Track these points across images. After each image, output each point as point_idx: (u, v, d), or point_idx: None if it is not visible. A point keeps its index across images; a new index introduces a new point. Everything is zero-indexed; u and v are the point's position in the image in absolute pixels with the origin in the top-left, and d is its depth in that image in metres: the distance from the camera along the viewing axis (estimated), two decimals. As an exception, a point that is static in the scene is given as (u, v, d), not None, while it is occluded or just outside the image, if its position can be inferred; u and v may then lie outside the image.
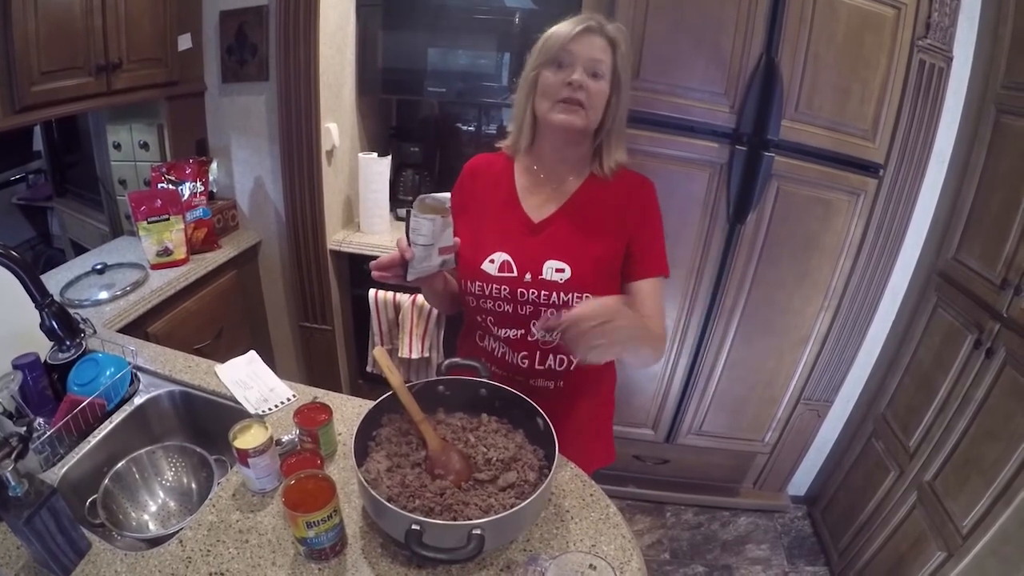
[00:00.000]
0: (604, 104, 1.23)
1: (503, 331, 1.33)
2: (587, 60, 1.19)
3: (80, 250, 2.72)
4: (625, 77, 1.24)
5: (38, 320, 1.35)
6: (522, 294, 1.26)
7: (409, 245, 1.16)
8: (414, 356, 2.44)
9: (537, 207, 1.32)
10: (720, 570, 2.46)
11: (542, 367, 1.34)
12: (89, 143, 2.63)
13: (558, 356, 1.33)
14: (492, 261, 1.28)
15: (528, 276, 1.26)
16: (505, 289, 1.27)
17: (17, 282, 1.28)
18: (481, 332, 1.39)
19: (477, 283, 1.29)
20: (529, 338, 1.31)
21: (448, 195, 1.15)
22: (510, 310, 1.29)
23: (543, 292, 1.25)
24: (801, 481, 2.74)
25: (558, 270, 1.25)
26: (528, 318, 1.29)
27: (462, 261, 1.31)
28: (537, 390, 1.35)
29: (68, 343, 1.36)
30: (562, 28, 1.21)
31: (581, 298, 1.24)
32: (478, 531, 0.92)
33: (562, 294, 1.25)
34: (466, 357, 1.31)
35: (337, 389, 2.78)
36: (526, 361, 1.33)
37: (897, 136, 1.92)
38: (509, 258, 1.27)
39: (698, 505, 2.74)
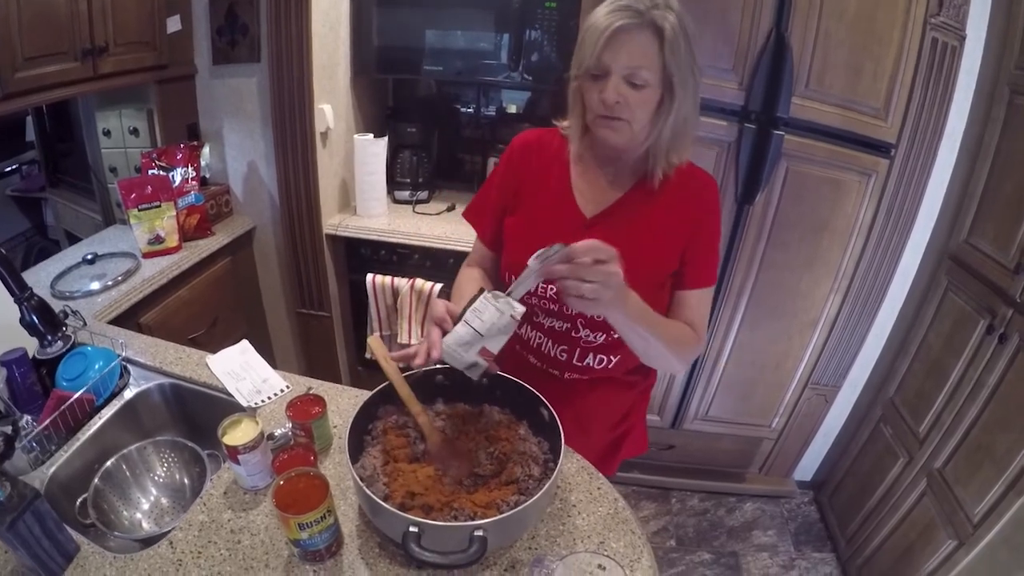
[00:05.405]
0: (651, 111, 1.08)
1: (546, 322, 1.26)
2: (622, 68, 1.03)
3: (75, 240, 2.68)
4: (680, 74, 1.05)
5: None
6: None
7: (455, 321, 1.04)
8: (413, 341, 2.40)
9: (590, 200, 1.22)
10: (727, 556, 2.44)
11: (580, 363, 1.28)
12: (81, 131, 2.57)
13: (598, 356, 1.27)
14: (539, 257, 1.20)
15: None
16: (552, 288, 1.19)
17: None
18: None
19: None
20: (573, 334, 1.24)
21: (523, 308, 1.03)
22: (555, 308, 1.22)
23: None
24: (808, 466, 2.71)
25: None
26: (575, 316, 1.21)
27: (510, 253, 1.25)
28: (571, 383, 1.31)
29: (50, 338, 1.31)
30: (597, 22, 1.02)
31: None
32: (480, 532, 0.87)
33: None
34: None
35: (336, 376, 2.77)
36: (564, 355, 1.28)
37: (909, 115, 1.87)
38: None
39: (704, 491, 2.72)
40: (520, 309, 1.02)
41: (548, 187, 1.24)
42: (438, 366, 1.18)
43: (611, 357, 1.28)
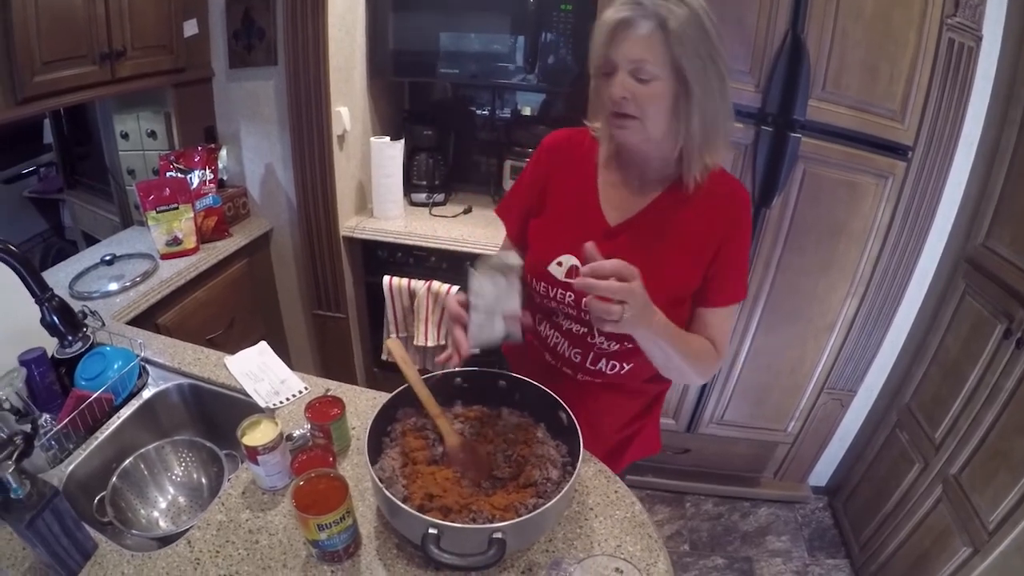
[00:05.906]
0: (666, 108, 1.03)
1: (564, 323, 1.24)
2: (627, 63, 1.00)
3: (92, 242, 2.70)
4: (693, 66, 0.99)
5: (43, 315, 1.31)
6: (587, 303, 1.14)
7: (468, 311, 1.07)
8: (430, 344, 2.40)
9: (615, 207, 1.18)
10: (740, 562, 2.42)
11: (592, 367, 1.26)
12: (98, 134, 2.59)
13: (611, 361, 1.25)
14: (560, 264, 1.15)
15: None
16: (570, 296, 1.17)
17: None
18: (540, 316, 1.30)
19: (542, 284, 1.19)
20: (589, 339, 1.22)
21: (518, 259, 1.01)
22: (573, 313, 1.20)
23: None
24: (822, 471, 2.69)
25: None
26: (591, 322, 1.17)
27: (532, 255, 1.23)
28: (584, 384, 1.29)
29: (70, 338, 1.32)
30: (604, 17, 1.01)
31: None
32: (499, 534, 0.87)
33: None
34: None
35: (352, 378, 2.77)
36: (578, 357, 1.26)
37: (926, 117, 1.85)
38: (578, 264, 1.11)
39: (718, 495, 2.71)
40: (515, 261, 1.02)
41: (574, 191, 1.22)
42: (457, 369, 1.18)
43: (624, 364, 1.26)
